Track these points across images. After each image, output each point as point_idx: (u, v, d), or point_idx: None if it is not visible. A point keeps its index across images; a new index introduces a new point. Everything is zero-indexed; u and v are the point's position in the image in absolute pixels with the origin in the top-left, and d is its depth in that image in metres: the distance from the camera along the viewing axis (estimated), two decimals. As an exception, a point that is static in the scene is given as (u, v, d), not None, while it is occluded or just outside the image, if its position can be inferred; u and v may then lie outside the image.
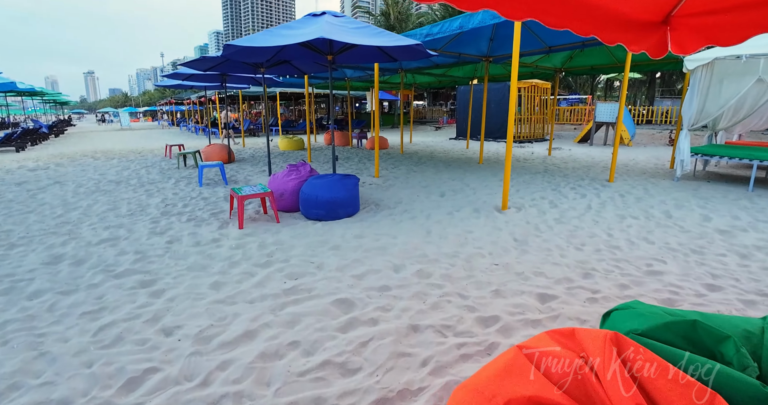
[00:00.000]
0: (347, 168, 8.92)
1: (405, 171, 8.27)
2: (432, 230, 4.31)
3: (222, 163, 6.99)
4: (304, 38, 3.83)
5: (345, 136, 14.56)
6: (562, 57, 9.63)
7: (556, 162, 9.65)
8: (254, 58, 5.54)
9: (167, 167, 9.35)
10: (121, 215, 5.08)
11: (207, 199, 5.94)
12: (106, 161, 10.61)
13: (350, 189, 4.81)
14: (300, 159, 10.65)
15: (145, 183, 7.30)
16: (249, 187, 4.82)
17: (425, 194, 6.07)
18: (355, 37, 4.02)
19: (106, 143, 17.19)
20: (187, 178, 7.81)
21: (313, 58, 5.96)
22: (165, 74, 8.77)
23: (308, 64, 7.67)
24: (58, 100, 33.26)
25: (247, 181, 7.41)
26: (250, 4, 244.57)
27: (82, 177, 8.03)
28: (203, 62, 6.97)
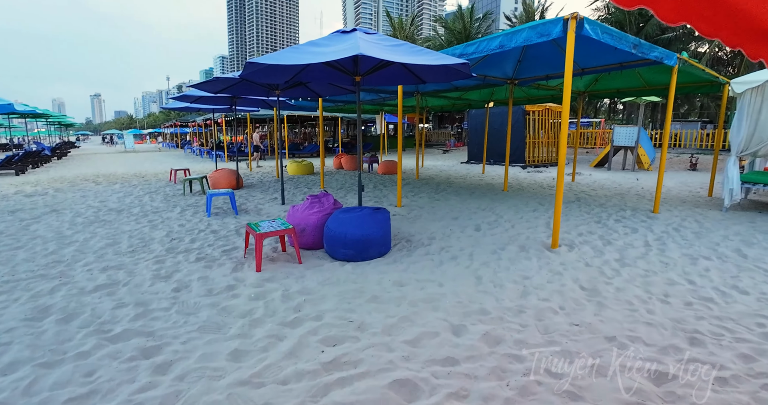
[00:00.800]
0: (364, 196, 8.37)
1: (427, 199, 7.72)
2: (482, 275, 3.70)
3: (232, 192, 6.45)
4: (339, 55, 3.34)
5: (355, 160, 14.10)
6: (587, 80, 9.23)
7: (584, 189, 9.10)
8: (275, 78, 5.07)
9: (172, 193, 8.81)
10: (122, 252, 4.49)
11: (217, 232, 5.36)
12: (107, 186, 10.09)
13: (382, 225, 4.24)
14: (311, 184, 10.13)
15: (149, 212, 6.74)
16: (267, 223, 4.25)
17: (459, 228, 5.49)
18: (395, 55, 3.53)
19: (109, 166, 16.76)
20: (194, 206, 7.25)
21: (337, 79, 5.49)
22: (173, 96, 8.36)
23: (324, 86, 7.26)
24: (63, 122, 33.16)
25: (258, 210, 6.84)
26: (255, 29, 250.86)
27: (81, 204, 7.48)
28: (215, 84, 6.53)
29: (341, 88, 7.15)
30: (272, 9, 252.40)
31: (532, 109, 15.29)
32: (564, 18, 4.08)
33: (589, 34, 4.17)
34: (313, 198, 4.74)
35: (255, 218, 6.19)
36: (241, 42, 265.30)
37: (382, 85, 5.56)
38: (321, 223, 4.50)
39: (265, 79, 5.11)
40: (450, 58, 3.80)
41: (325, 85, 7.25)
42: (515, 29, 4.62)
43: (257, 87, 7.36)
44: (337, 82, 5.76)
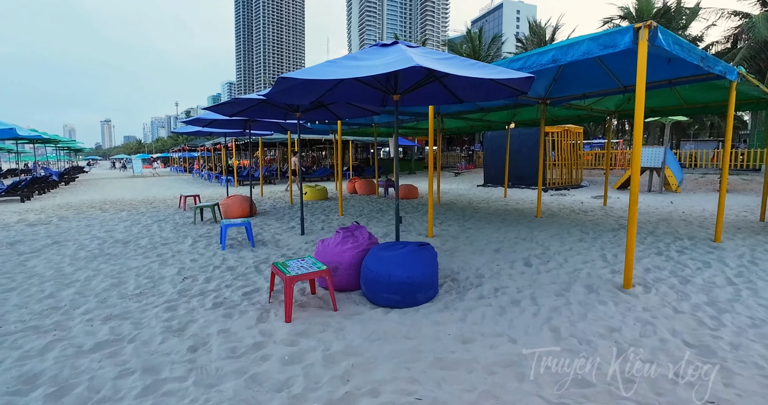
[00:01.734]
0: (387, 223, 7.80)
1: (458, 227, 7.13)
2: (558, 327, 3.07)
3: (249, 222, 5.90)
4: (390, 68, 2.84)
5: (370, 184, 13.61)
6: (619, 99, 8.76)
7: (622, 214, 8.47)
8: (301, 98, 4.59)
9: (182, 222, 8.28)
10: (127, 295, 3.91)
11: (233, 269, 4.78)
12: (114, 214, 9.60)
13: (430, 265, 3.64)
14: (327, 210, 9.58)
15: (158, 244, 6.19)
16: (296, 262, 3.67)
17: (506, 262, 4.87)
18: (452, 68, 3.03)
19: (117, 192, 16.37)
20: (206, 236, 6.70)
21: (366, 100, 5.03)
22: (186, 120, 7.97)
23: (347, 108, 6.81)
24: (73, 147, 33.25)
25: (276, 241, 6.27)
26: (262, 56, 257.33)
27: (86, 235, 6.95)
28: (231, 106, 6.09)
29: (364, 109, 6.71)
30: (279, 36, 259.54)
31: (551, 131, 14.85)
32: (635, 27, 3.59)
33: (662, 45, 3.68)
34: (345, 232, 4.17)
35: (274, 251, 5.61)
36: (248, 68, 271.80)
37: (417, 105, 5.09)
38: (356, 261, 3.92)
39: (290, 99, 4.64)
40: (513, 72, 3.30)
41: (348, 107, 6.81)
42: (571, 41, 4.14)
43: (274, 109, 6.93)
44: (365, 103, 5.29)
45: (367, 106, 6.24)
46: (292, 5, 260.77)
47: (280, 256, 5.29)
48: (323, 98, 4.77)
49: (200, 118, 7.47)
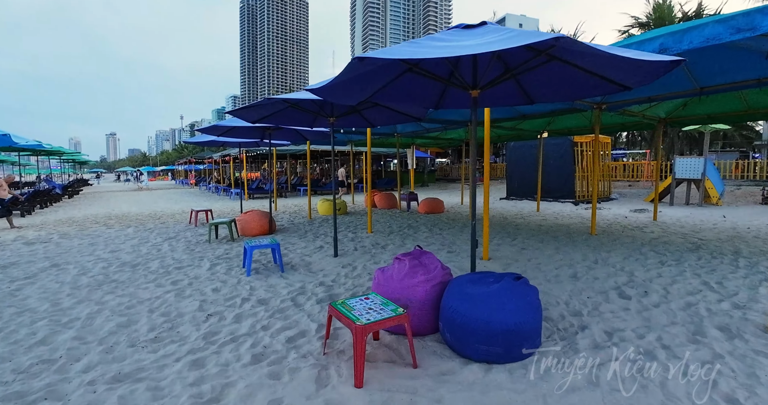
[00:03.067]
0: (425, 242, 6.97)
1: (511, 248, 6.29)
2: (732, 394, 2.22)
3: (277, 244, 5.08)
4: (509, 44, 2.06)
5: (390, 197, 12.82)
6: (671, 105, 8.00)
7: (683, 231, 7.61)
8: (355, 95, 3.81)
9: (195, 239, 7.48)
10: (139, 341, 3.08)
11: (266, 302, 3.95)
12: (120, 230, 8.81)
13: (536, 307, 2.80)
14: (352, 226, 8.76)
15: (171, 267, 5.37)
16: (360, 302, 2.85)
17: (595, 293, 4.03)
18: (589, 48, 2.25)
19: (122, 205, 15.63)
20: (225, 258, 5.89)
21: (426, 98, 4.27)
22: (202, 128, 7.23)
23: (381, 113, 6.07)
24: (77, 159, 32.72)
25: (307, 264, 5.44)
26: (266, 70, 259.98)
27: (89, 256, 6.15)
28: (258, 109, 5.35)
29: (404, 115, 5.96)
30: (283, 50, 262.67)
31: (580, 140, 14.09)
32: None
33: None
34: (411, 259, 3.35)
35: (308, 278, 4.79)
36: (253, 82, 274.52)
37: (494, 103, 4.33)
38: (431, 297, 3.09)
39: (337, 97, 3.86)
40: (656, 55, 2.52)
41: (384, 112, 6.07)
42: (688, 25, 3.37)
43: (302, 115, 6.20)
44: (418, 102, 4.52)
45: (414, 107, 5.49)
46: (296, 20, 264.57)
47: (318, 285, 4.46)
48: (374, 97, 4.00)
49: (218, 125, 6.73)
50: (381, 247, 6.42)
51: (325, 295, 4.08)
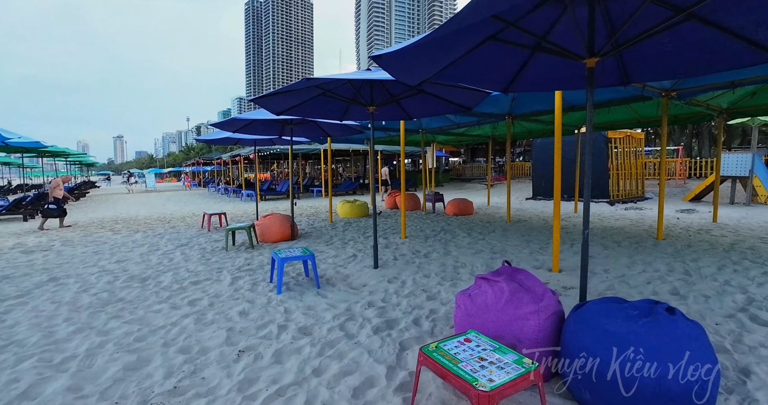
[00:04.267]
0: (472, 251, 6.16)
1: (577, 258, 5.46)
2: None
3: (312, 255, 4.28)
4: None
5: (414, 198, 12.00)
6: (739, 93, 7.12)
7: (757, 234, 6.73)
8: (426, 67, 3.00)
9: (209, 247, 6.72)
10: (153, 394, 2.30)
11: (309, 331, 3.16)
12: (127, 236, 8.08)
13: (712, 354, 1.98)
14: (380, 230, 7.96)
15: (186, 282, 4.60)
16: (461, 347, 2.06)
17: (724, 319, 3.19)
18: None
19: (130, 208, 14.95)
20: (247, 270, 5.11)
21: (498, 75, 3.47)
22: (218, 122, 6.46)
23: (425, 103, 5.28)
24: (84, 161, 32.26)
25: (344, 278, 4.65)
26: (271, 71, 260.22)
27: (92, 267, 5.41)
28: (287, 97, 4.57)
29: (454, 104, 5.15)
30: (288, 52, 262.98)
31: (614, 136, 13.20)
32: None
33: None
34: (508, 281, 2.54)
35: (351, 296, 3.99)
36: (258, 84, 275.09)
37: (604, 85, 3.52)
38: (547, 334, 2.28)
39: (401, 71, 3.04)
40: None
41: (429, 102, 5.28)
42: None
43: (333, 105, 5.42)
44: (480, 84, 3.71)
45: (467, 95, 4.68)
46: (301, 22, 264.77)
47: (367, 307, 3.66)
48: (440, 74, 3.20)
49: (237, 118, 5.96)
50: (424, 256, 5.61)
51: (380, 322, 3.28)
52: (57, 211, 9.29)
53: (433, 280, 4.42)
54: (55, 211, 9.25)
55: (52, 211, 9.20)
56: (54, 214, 9.24)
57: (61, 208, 9.42)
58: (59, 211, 9.33)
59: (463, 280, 4.39)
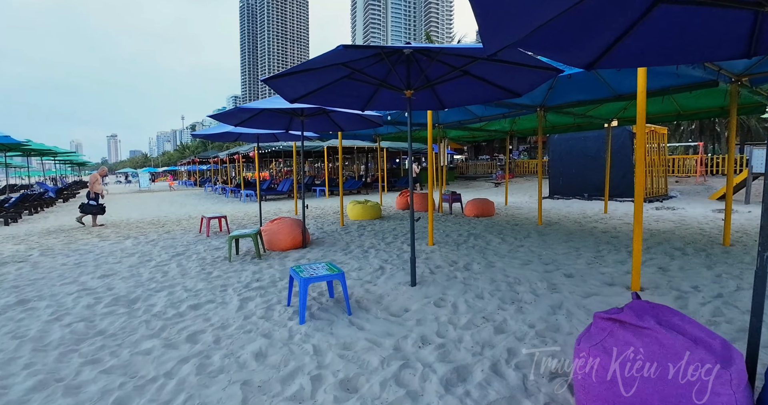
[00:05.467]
0: (511, 260, 5.33)
1: (650, 271, 4.64)
2: None
3: (342, 275, 3.43)
4: None
5: (427, 198, 11.16)
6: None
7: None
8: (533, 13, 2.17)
9: (209, 256, 5.86)
10: None
11: (352, 385, 2.33)
12: (115, 243, 7.19)
13: None
14: (396, 235, 7.11)
15: (184, 306, 3.74)
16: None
17: None
18: None
19: (121, 210, 14.02)
20: (258, 289, 4.25)
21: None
22: (220, 113, 5.59)
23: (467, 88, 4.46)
24: (75, 160, 31.19)
25: (377, 299, 3.81)
26: (267, 69, 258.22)
27: (71, 284, 4.53)
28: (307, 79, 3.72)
29: (503, 89, 4.32)
30: (283, 49, 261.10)
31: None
32: None
33: None
34: (662, 328, 1.70)
35: (393, 327, 3.15)
36: (254, 82, 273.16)
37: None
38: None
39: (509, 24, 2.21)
40: None
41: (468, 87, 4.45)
42: None
43: (359, 90, 4.57)
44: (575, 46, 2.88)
45: (566, 57, 3.86)
46: (296, 19, 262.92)
47: (421, 344, 2.82)
48: (540, 32, 2.36)
49: (243, 108, 5.07)
50: (464, 269, 4.78)
51: (447, 371, 2.44)
52: (96, 207, 9.11)
53: (490, 303, 3.58)
54: (95, 207, 9.09)
55: (92, 207, 9.05)
56: (93, 211, 9.09)
57: (100, 205, 9.24)
58: (98, 207, 9.15)
59: (528, 303, 3.56)
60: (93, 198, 9.12)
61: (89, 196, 9.14)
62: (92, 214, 9.18)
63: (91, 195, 9.14)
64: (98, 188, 9.26)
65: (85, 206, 9.03)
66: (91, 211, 9.11)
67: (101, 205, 9.28)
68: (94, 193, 9.17)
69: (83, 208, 9.04)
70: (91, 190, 9.19)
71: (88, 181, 9.45)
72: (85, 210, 9.04)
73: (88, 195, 9.22)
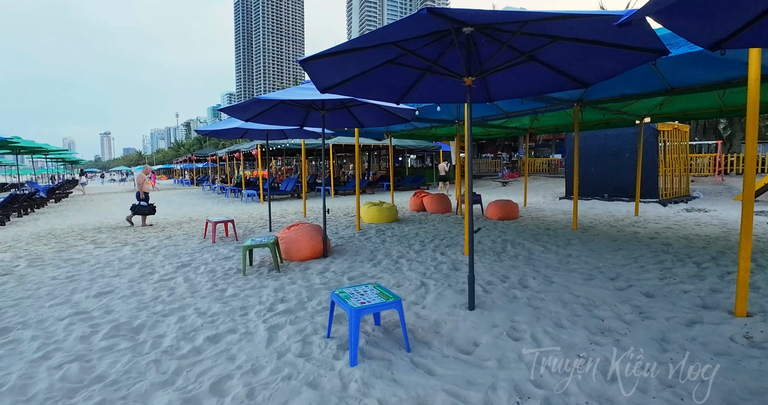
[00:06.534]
0: (572, 275, 4.70)
1: (719, 281, 4.02)
2: None
3: (398, 303, 2.77)
4: None
5: (443, 199, 10.55)
6: None
7: None
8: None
9: (220, 268, 5.18)
10: None
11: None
12: (113, 251, 6.49)
13: None
14: (425, 240, 6.47)
15: (200, 339, 3.07)
16: None
17: None
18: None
19: (116, 211, 13.27)
20: (285, 313, 3.60)
21: None
22: (226, 107, 4.93)
23: (519, 78, 3.84)
24: (67, 158, 30.26)
25: (435, 328, 3.17)
26: (261, 67, 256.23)
27: (63, 305, 3.85)
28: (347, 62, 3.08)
29: (570, 79, 3.69)
30: (279, 47, 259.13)
31: (664, 129, 11.84)
32: None
33: None
34: None
35: (471, 371, 2.51)
36: (248, 79, 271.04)
37: None
38: None
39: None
40: None
41: (529, 75, 3.83)
42: None
43: (400, 78, 3.92)
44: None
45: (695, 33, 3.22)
46: (291, 16, 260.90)
47: (519, 399, 2.18)
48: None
49: (261, 98, 4.37)
50: (522, 287, 4.14)
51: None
52: (148, 208, 9.00)
53: (576, 334, 2.94)
54: (146, 208, 8.98)
55: (143, 208, 8.94)
56: (146, 212, 8.99)
57: (151, 205, 9.11)
58: (149, 208, 9.03)
59: (622, 334, 2.92)
60: (143, 199, 9.00)
61: (138, 197, 9.02)
62: (143, 214, 9.01)
63: (141, 196, 9.01)
64: (147, 188, 9.18)
65: (136, 207, 8.90)
66: (143, 213, 8.96)
67: (152, 205, 9.14)
68: (144, 193, 9.05)
69: (135, 209, 8.92)
70: (140, 191, 9.07)
71: (136, 182, 9.48)
72: (137, 211, 8.92)
73: (137, 196, 9.07)
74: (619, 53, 3.09)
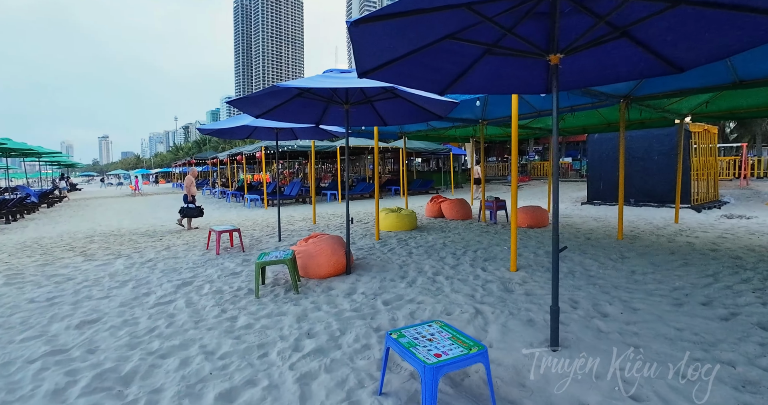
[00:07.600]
0: (632, 290, 3.97)
1: None
2: None
3: (484, 355, 2.04)
4: None
5: (463, 205, 9.81)
6: None
7: None
8: None
9: (228, 288, 4.42)
10: None
11: None
12: (104, 264, 5.73)
13: None
14: (459, 253, 5.73)
15: (210, 395, 2.33)
16: None
17: None
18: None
19: (111, 217, 12.51)
20: (316, 353, 2.85)
21: None
22: (235, 99, 4.21)
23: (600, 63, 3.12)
24: (63, 161, 29.47)
25: (516, 379, 2.43)
26: (261, 70, 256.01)
27: (36, 340, 3.09)
28: (406, 31, 2.37)
29: (664, 61, 2.98)
30: (278, 50, 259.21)
31: (695, 131, 11.15)
32: None
33: None
34: None
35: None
36: (248, 83, 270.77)
37: None
38: None
39: None
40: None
41: (611, 57, 3.11)
42: None
43: (455, 62, 3.20)
44: None
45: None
46: (291, 20, 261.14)
47: None
48: None
49: (281, 86, 3.62)
50: (601, 316, 3.39)
51: None
52: (196, 210, 8.95)
53: (717, 393, 2.19)
54: (195, 210, 8.94)
55: (192, 210, 8.91)
56: (194, 214, 8.94)
57: (198, 207, 9.06)
58: (197, 210, 8.98)
59: (753, 384, 2.18)
60: (191, 201, 8.97)
61: (186, 200, 8.98)
62: (191, 217, 8.93)
63: (189, 198, 8.98)
64: (194, 191, 9.15)
65: (185, 210, 8.86)
66: (191, 215, 8.90)
67: (199, 207, 9.08)
68: (191, 196, 9.02)
69: (183, 211, 8.88)
70: (188, 194, 9.03)
71: (184, 185, 9.44)
72: (186, 214, 8.86)
73: (185, 198, 9.04)
74: (760, 21, 2.36)
